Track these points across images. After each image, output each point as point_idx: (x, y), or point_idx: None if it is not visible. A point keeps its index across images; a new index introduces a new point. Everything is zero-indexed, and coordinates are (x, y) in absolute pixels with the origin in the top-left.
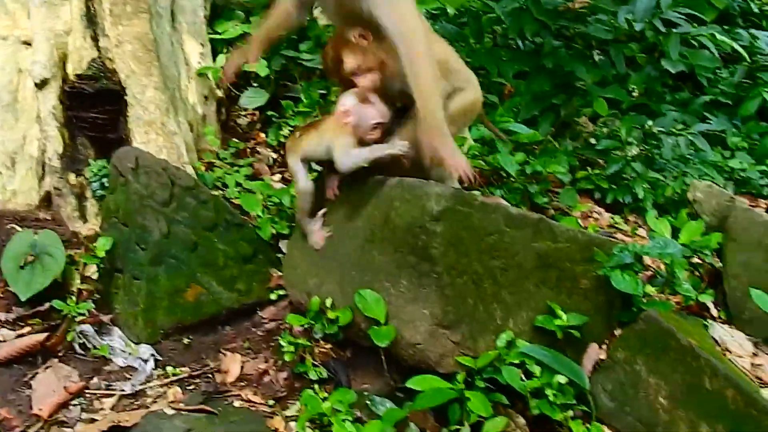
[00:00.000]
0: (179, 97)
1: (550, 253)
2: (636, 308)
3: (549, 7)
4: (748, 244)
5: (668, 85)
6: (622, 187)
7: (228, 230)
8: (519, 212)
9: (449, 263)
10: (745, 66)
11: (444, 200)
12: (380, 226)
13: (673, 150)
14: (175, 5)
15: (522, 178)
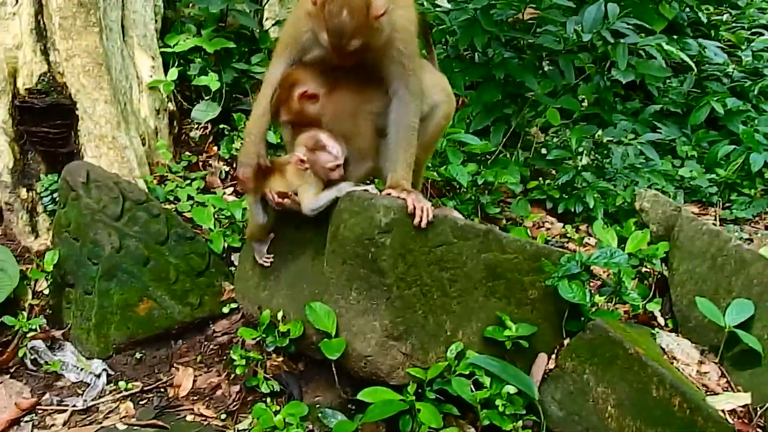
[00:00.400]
0: (131, 111)
1: (499, 263)
2: (584, 318)
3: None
4: (693, 253)
5: (619, 95)
6: (572, 197)
7: (180, 244)
8: (467, 223)
9: (398, 275)
10: (694, 75)
11: (392, 212)
12: (330, 239)
13: (623, 159)
14: (125, 19)
15: (474, 189)
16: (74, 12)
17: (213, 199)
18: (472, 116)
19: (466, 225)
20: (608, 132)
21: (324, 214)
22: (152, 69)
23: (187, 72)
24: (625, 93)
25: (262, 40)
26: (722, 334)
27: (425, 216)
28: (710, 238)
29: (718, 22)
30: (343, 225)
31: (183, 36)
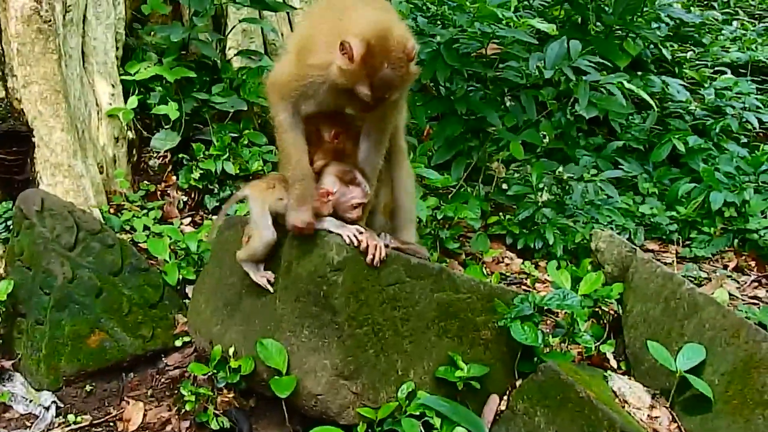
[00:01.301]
0: (89, 139)
1: (452, 303)
2: (537, 359)
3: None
4: (647, 296)
5: (583, 130)
6: (532, 233)
7: (133, 275)
8: (420, 262)
9: (350, 313)
10: (657, 112)
11: (345, 250)
12: (283, 275)
13: (583, 196)
14: (86, 46)
15: (434, 223)
16: (33, 38)
17: (169, 230)
18: (433, 150)
19: (419, 264)
20: (570, 168)
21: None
22: (112, 96)
23: (147, 100)
24: (588, 128)
25: (224, 70)
26: (674, 379)
27: (378, 254)
28: (664, 281)
29: (681, 60)
30: (295, 261)
31: (144, 64)
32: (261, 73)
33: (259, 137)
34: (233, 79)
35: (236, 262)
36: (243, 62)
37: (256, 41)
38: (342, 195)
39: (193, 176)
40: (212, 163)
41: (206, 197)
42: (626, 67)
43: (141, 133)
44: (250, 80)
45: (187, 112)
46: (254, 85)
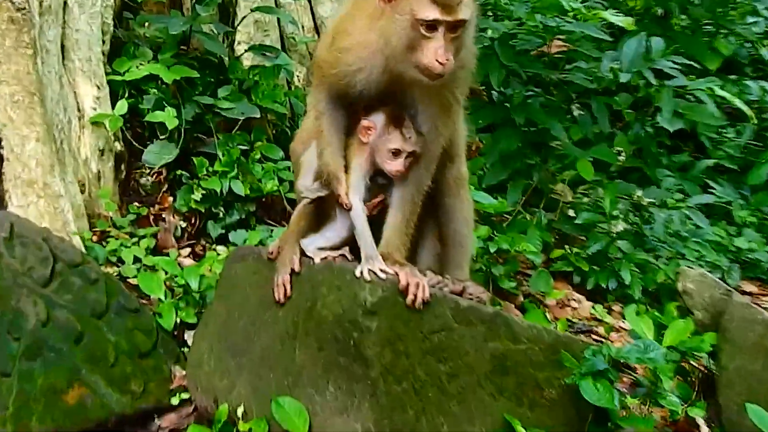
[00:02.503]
0: (68, 151)
1: (509, 355)
2: (612, 424)
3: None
4: (746, 348)
5: (665, 146)
6: (605, 271)
7: (121, 317)
8: (471, 305)
9: (386, 366)
10: (755, 125)
11: (380, 289)
12: (304, 318)
13: (667, 226)
14: (66, 39)
15: (485, 257)
16: (3, 30)
17: (165, 263)
18: (485, 168)
19: (469, 307)
20: (650, 192)
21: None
22: (97, 100)
23: (139, 105)
24: (671, 144)
25: (232, 70)
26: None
27: (420, 294)
28: (765, 330)
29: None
30: (320, 302)
31: (136, 61)
32: (277, 74)
33: (274, 151)
34: (243, 81)
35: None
36: (255, 60)
37: (272, 35)
38: (383, 135)
39: (194, 197)
40: (217, 182)
41: (209, 223)
42: (717, 69)
43: (131, 145)
44: (263, 82)
45: (188, 119)
46: (269, 88)
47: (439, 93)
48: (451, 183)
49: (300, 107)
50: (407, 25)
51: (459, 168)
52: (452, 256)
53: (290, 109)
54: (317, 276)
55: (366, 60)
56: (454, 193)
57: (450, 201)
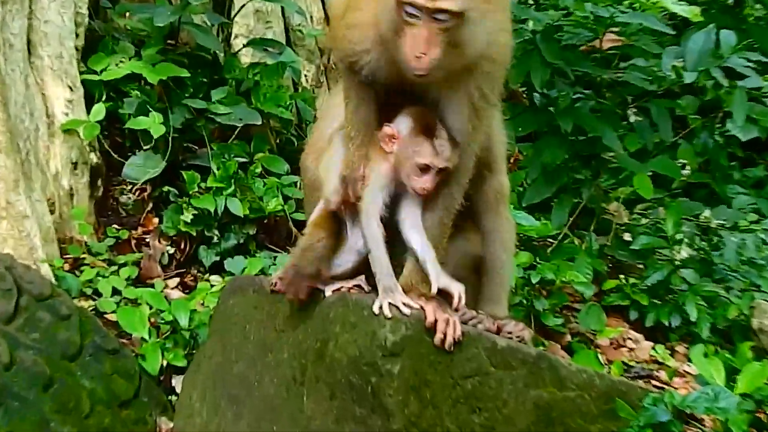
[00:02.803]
0: (35, 163)
1: (555, 404)
2: None
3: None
4: None
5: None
6: (667, 305)
7: (98, 360)
8: (510, 345)
9: (410, 417)
10: None
11: (403, 326)
12: (313, 361)
13: (739, 252)
14: (33, 32)
15: (526, 289)
16: None
17: (149, 296)
18: (526, 184)
19: (508, 348)
20: (719, 211)
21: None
22: (69, 104)
23: (119, 110)
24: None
25: (229, 68)
26: None
27: (451, 332)
28: None
29: None
30: (332, 342)
31: (115, 58)
32: (281, 73)
33: (279, 163)
34: (242, 81)
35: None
36: (256, 57)
37: (275, 27)
38: (409, 145)
39: (184, 219)
40: (211, 200)
41: (202, 249)
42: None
43: (110, 157)
44: (265, 82)
45: (176, 126)
46: (271, 90)
47: (464, 90)
48: (490, 198)
49: (308, 112)
50: (393, 6)
51: (500, 180)
52: (489, 288)
53: (297, 115)
54: (328, 311)
55: (373, 41)
56: (493, 211)
57: (488, 220)
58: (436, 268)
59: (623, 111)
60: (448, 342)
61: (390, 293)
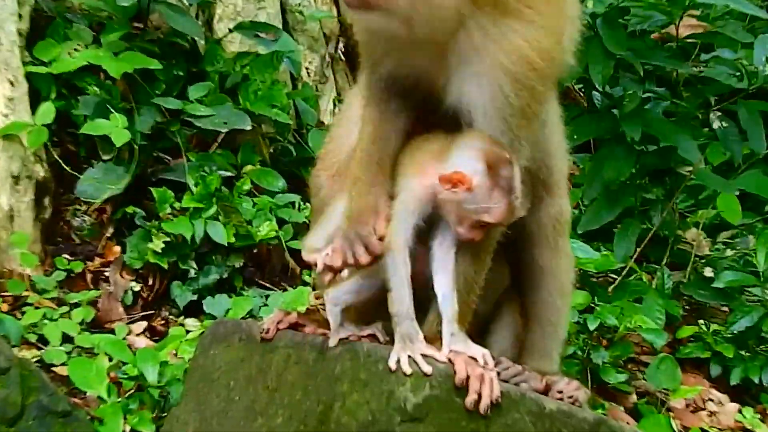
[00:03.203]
0: None
1: None
2: None
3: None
4: None
5: None
6: (758, 358)
7: (43, 424)
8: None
9: None
10: None
11: (427, 385)
12: (315, 427)
13: None
14: None
15: (582, 337)
16: None
17: (108, 344)
18: (582, 205)
19: (559, 411)
20: None
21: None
22: (9, 103)
23: (72, 110)
24: None
25: (211, 59)
26: None
27: (487, 392)
28: None
29: None
30: (339, 403)
31: (68, 46)
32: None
33: (273, 178)
34: (227, 75)
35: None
36: (245, 45)
37: (269, 8)
38: (480, 199)
39: (153, 247)
40: (186, 224)
41: (174, 286)
42: None
43: (60, 170)
44: (256, 76)
45: (144, 131)
46: (264, 86)
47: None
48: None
49: (310, 115)
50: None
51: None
52: (537, 338)
53: (296, 118)
54: (334, 366)
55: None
56: (548, 244)
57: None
58: (451, 327)
59: (704, 115)
60: (483, 404)
61: (409, 343)
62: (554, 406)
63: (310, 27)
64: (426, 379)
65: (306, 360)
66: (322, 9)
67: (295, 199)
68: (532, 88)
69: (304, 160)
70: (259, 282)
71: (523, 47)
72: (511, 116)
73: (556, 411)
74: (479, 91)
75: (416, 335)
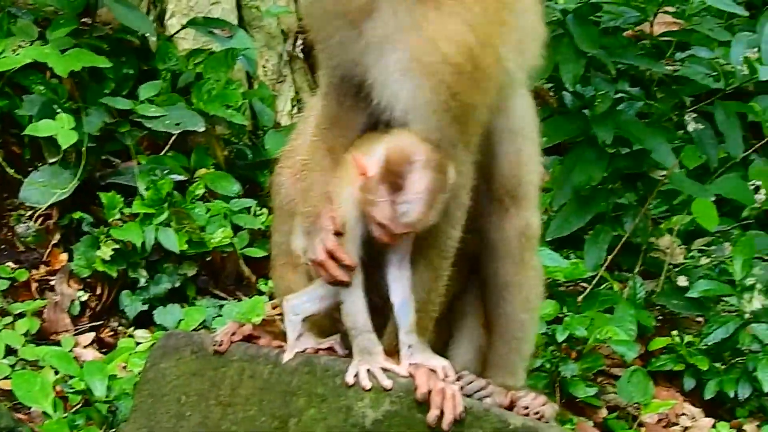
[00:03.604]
0: None
1: None
2: None
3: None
4: None
5: None
6: (733, 370)
7: None
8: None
9: None
10: None
11: (387, 401)
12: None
13: None
14: None
15: (549, 349)
16: None
17: (54, 357)
18: (551, 211)
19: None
20: None
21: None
22: None
23: (15, 110)
24: None
25: (162, 56)
26: None
27: (450, 408)
28: None
29: None
30: (295, 420)
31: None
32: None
33: (227, 182)
34: (179, 74)
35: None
36: (198, 41)
37: (224, 3)
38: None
39: (101, 255)
40: (137, 231)
41: (124, 295)
42: None
43: (3, 173)
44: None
45: (93, 133)
46: (218, 85)
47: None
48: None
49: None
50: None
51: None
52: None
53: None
54: (290, 380)
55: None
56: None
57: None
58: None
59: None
60: (446, 421)
61: (368, 356)
62: (519, 422)
63: (267, 23)
64: (385, 393)
65: (261, 374)
66: (280, 4)
67: (251, 204)
68: (451, 88)
69: (260, 164)
70: (213, 291)
71: (439, 40)
72: (434, 115)
73: (521, 427)
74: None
75: (375, 348)
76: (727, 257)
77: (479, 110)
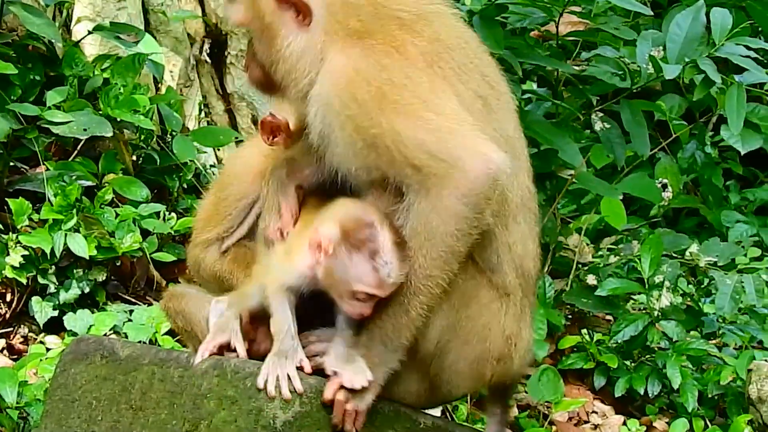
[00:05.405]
0: None
1: None
2: None
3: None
4: None
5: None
6: (642, 368)
7: None
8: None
9: None
10: None
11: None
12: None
13: (735, 298)
14: None
15: None
16: None
17: None
18: None
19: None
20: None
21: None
22: None
23: None
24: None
25: (69, 62)
26: None
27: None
28: None
29: None
30: (205, 422)
31: None
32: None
33: (136, 187)
34: (86, 79)
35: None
36: (105, 47)
37: (130, 8)
38: (343, 265)
39: (10, 261)
40: (46, 237)
41: (34, 301)
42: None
43: None
44: (117, 80)
45: (0, 140)
46: (125, 90)
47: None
48: None
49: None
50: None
51: None
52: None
53: (159, 124)
54: (200, 383)
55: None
56: None
57: None
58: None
59: (586, 116)
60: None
61: (284, 360)
62: (429, 421)
63: (173, 28)
64: (296, 395)
65: (171, 377)
66: (187, 9)
67: (160, 209)
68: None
69: (168, 168)
70: (123, 296)
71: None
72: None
73: (431, 426)
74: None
75: (295, 352)
76: (635, 255)
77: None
